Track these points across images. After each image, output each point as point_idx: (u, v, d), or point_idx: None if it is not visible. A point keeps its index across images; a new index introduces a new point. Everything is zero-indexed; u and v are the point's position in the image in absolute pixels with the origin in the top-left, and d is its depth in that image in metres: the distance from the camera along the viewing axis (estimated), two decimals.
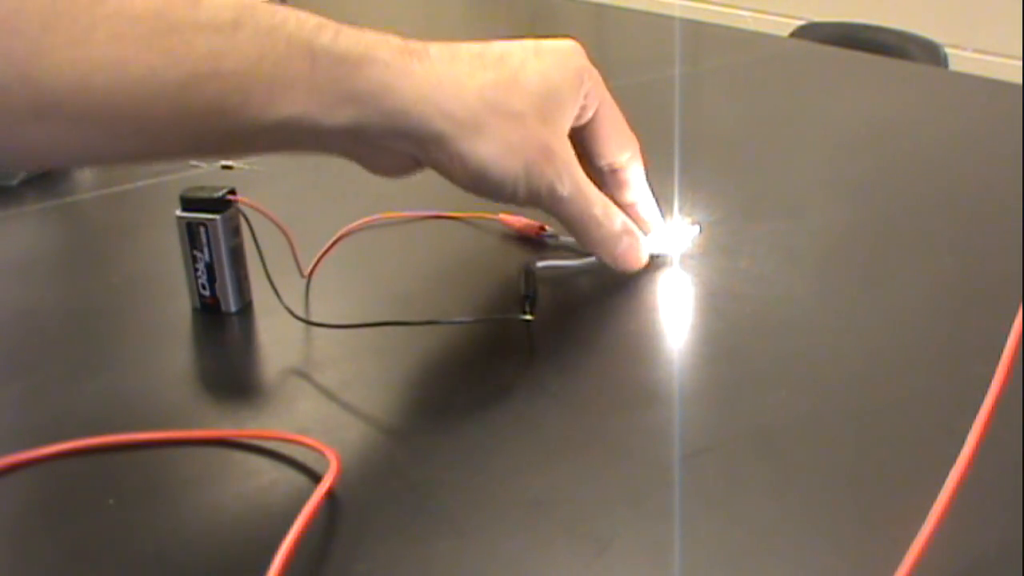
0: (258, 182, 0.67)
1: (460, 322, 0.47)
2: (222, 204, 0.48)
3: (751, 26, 1.45)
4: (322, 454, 0.37)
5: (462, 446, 0.39)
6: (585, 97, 0.46)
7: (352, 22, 0.41)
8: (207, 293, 0.49)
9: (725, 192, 0.65)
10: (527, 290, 0.49)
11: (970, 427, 0.29)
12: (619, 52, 1.17)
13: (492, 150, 0.41)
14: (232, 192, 0.48)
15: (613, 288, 0.52)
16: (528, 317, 0.47)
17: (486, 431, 0.40)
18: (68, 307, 0.52)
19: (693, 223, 0.55)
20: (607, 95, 0.48)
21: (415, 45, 0.42)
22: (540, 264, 0.52)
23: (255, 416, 0.42)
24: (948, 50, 1.56)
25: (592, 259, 0.53)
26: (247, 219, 0.49)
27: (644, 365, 0.45)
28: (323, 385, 0.44)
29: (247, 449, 0.39)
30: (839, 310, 0.49)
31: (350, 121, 0.39)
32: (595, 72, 0.47)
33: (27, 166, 0.54)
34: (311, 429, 0.40)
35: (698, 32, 1.23)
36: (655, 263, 0.53)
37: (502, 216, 0.58)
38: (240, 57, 0.36)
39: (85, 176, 0.72)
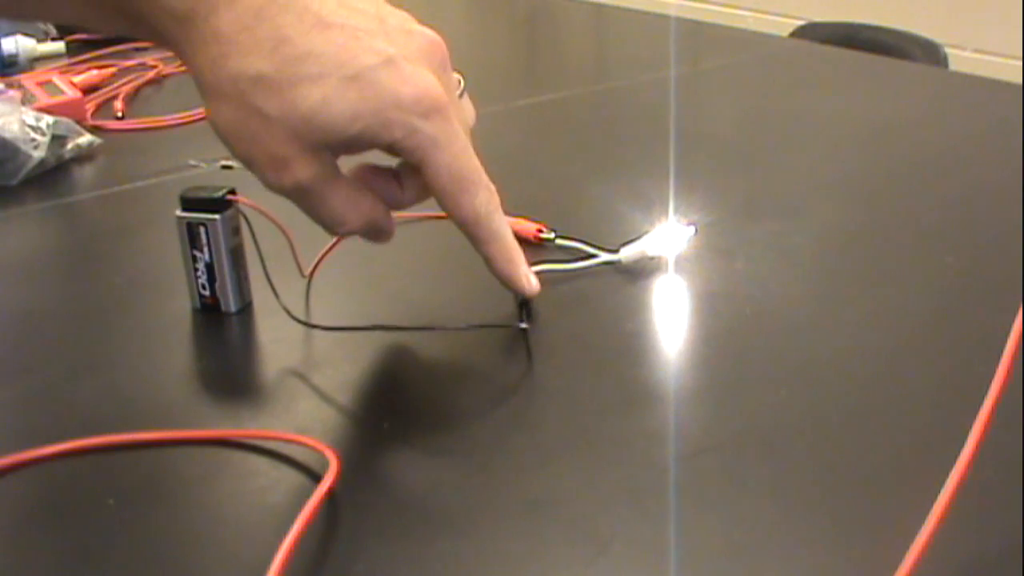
0: (258, 182, 0.67)
1: (457, 329, 0.47)
2: (222, 204, 0.48)
3: (751, 26, 1.45)
4: (322, 454, 0.37)
5: (462, 446, 0.39)
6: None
7: None
8: (207, 293, 0.49)
9: (722, 193, 0.65)
10: (522, 297, 0.49)
11: (970, 427, 0.29)
12: (619, 52, 1.17)
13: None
14: (232, 192, 0.48)
15: (610, 289, 0.52)
16: (524, 325, 0.47)
17: (486, 431, 0.40)
18: (68, 307, 0.52)
19: (689, 224, 0.55)
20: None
21: None
22: (534, 269, 0.52)
23: (255, 416, 0.42)
24: (948, 50, 1.56)
25: (588, 262, 0.53)
26: (247, 219, 0.49)
27: (642, 366, 0.45)
28: (323, 385, 0.44)
29: (247, 449, 0.39)
30: (837, 310, 0.49)
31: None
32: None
33: None
34: (311, 429, 0.40)
35: (698, 32, 1.23)
36: (652, 264, 0.54)
37: None
38: None
39: (85, 176, 0.72)
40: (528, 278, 0.46)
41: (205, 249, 0.48)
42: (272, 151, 0.39)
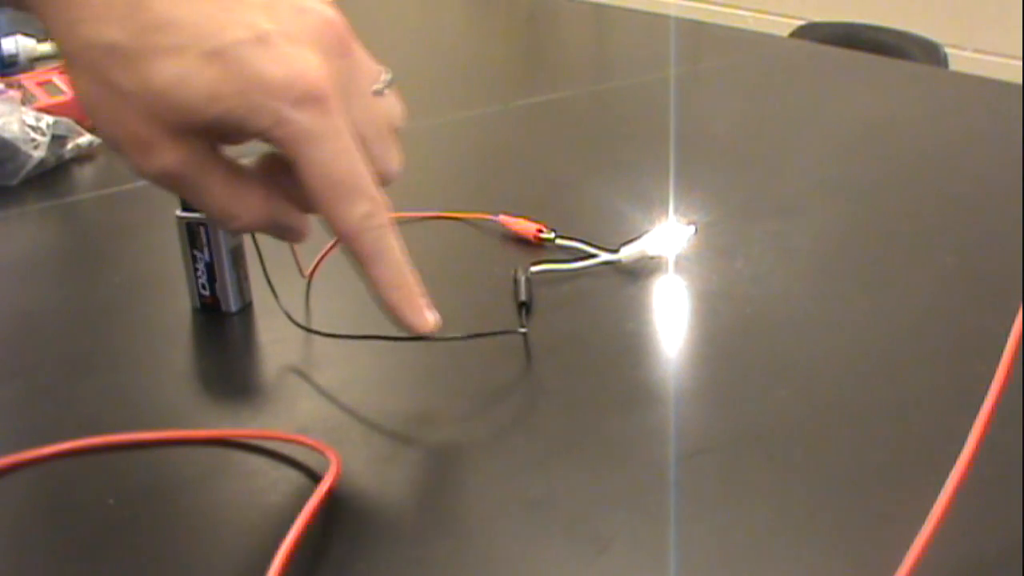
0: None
1: (456, 338, 0.46)
2: None
3: (751, 26, 1.45)
4: (322, 454, 0.37)
5: (462, 446, 0.39)
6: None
7: (352, 22, 0.40)
8: (207, 293, 0.49)
9: (722, 192, 0.65)
10: (522, 297, 0.49)
11: (970, 427, 0.29)
12: (619, 52, 1.17)
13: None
14: None
15: (610, 289, 0.52)
16: (523, 330, 0.46)
17: (486, 431, 0.40)
18: (68, 307, 0.52)
19: (689, 223, 0.55)
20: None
21: None
22: (534, 269, 0.52)
23: (255, 416, 0.42)
24: (948, 50, 1.56)
25: (588, 262, 0.53)
26: None
27: (642, 366, 0.45)
28: (323, 385, 0.44)
29: (247, 449, 0.39)
30: (837, 310, 0.49)
31: None
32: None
33: None
34: (311, 429, 0.40)
35: (698, 32, 1.23)
36: (652, 264, 0.54)
37: (501, 218, 0.58)
38: None
39: (85, 176, 0.72)
40: (422, 311, 0.39)
41: (205, 249, 0.48)
42: (133, 131, 0.34)
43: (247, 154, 0.38)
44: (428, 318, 0.39)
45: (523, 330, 0.46)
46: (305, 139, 0.35)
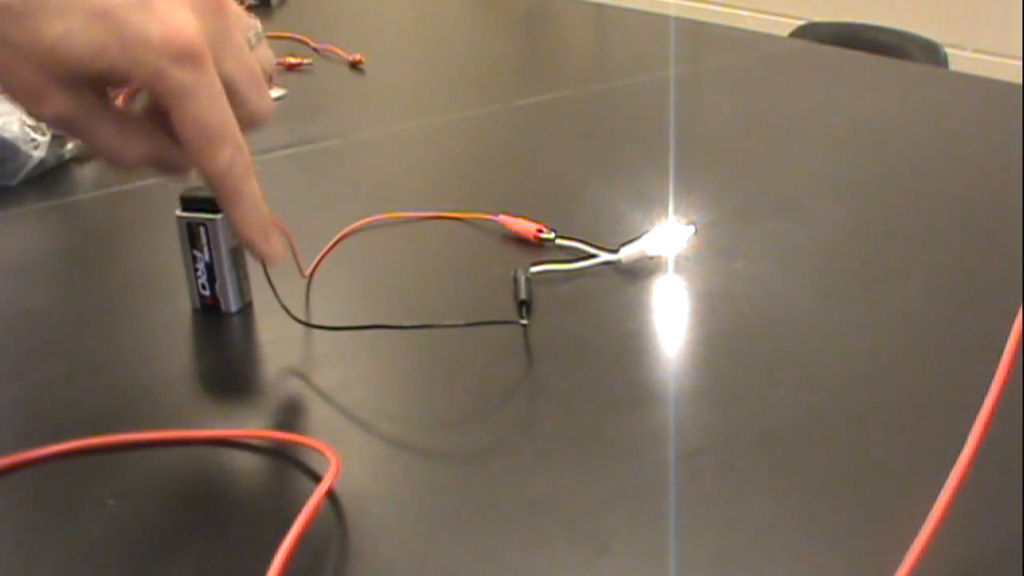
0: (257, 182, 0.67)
1: (457, 326, 0.47)
2: None
3: (751, 26, 1.45)
4: (322, 454, 0.37)
5: (462, 446, 0.39)
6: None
7: (352, 22, 0.40)
8: (207, 293, 0.49)
9: (722, 193, 0.65)
10: (522, 296, 0.49)
11: (970, 427, 0.29)
12: (619, 52, 1.17)
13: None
14: None
15: (610, 289, 0.52)
16: (524, 322, 0.47)
17: (486, 431, 0.40)
18: (68, 307, 0.52)
19: (689, 223, 0.55)
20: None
21: None
22: (534, 269, 0.52)
23: (255, 416, 0.42)
24: (948, 50, 1.56)
25: (588, 262, 0.53)
26: None
27: (642, 366, 0.45)
28: (323, 385, 0.44)
29: (247, 449, 0.39)
30: (837, 310, 0.49)
31: None
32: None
33: None
34: (311, 429, 0.40)
35: (698, 32, 1.23)
36: (652, 264, 0.54)
37: (501, 218, 0.58)
38: None
39: (85, 176, 0.72)
40: (276, 246, 0.44)
41: (205, 249, 0.48)
42: (25, 81, 0.37)
43: None
44: (279, 249, 0.44)
45: (523, 322, 0.46)
46: (181, 92, 0.38)
